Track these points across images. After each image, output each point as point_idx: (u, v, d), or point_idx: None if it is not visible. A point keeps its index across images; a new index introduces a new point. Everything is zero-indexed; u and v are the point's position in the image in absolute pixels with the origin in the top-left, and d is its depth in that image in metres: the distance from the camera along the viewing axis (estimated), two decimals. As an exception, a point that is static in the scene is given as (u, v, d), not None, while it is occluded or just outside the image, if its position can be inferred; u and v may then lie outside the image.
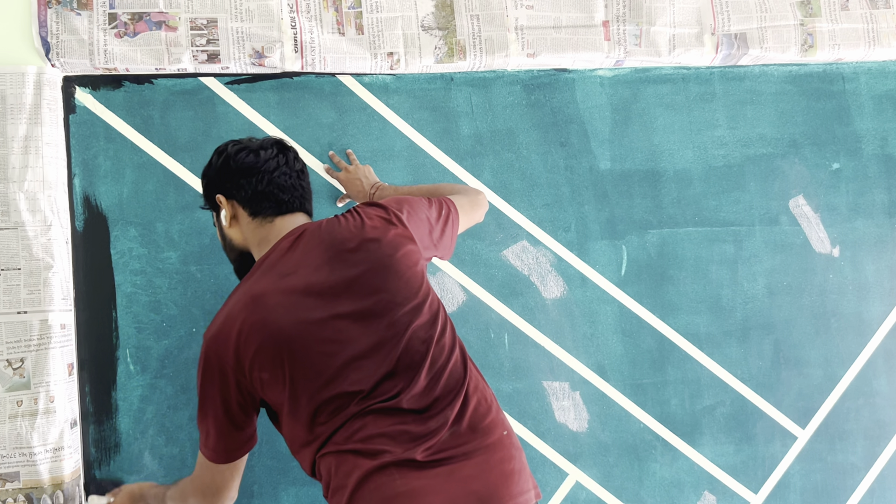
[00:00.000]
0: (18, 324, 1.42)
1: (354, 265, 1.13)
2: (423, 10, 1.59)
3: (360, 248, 1.14)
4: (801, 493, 1.73)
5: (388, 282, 1.13)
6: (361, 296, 1.11)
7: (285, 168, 1.21)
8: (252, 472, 1.54)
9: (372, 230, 1.16)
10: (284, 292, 1.10)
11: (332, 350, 1.09)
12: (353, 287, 1.11)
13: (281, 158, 1.21)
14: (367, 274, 1.12)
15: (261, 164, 1.19)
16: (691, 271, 1.72)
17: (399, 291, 1.13)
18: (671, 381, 1.70)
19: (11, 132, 1.44)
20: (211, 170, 1.24)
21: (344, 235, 1.15)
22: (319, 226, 1.18)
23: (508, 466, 1.10)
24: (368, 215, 1.19)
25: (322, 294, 1.11)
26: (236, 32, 1.52)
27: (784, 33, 1.71)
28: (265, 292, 1.11)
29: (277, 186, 1.19)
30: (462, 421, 1.10)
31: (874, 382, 1.77)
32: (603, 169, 1.70)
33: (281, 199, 1.20)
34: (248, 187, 1.19)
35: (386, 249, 1.15)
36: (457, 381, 1.13)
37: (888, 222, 1.79)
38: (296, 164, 1.23)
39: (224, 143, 1.25)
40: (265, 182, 1.19)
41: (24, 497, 1.41)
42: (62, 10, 1.47)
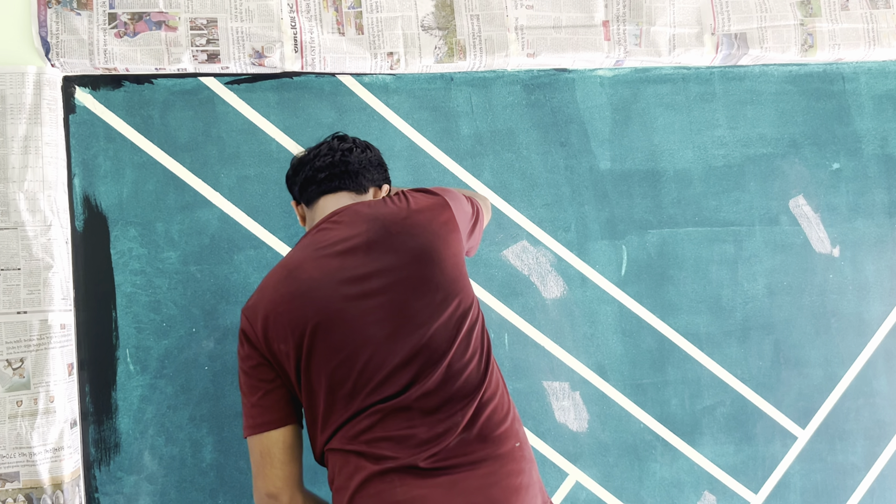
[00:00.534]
0: (18, 324, 1.42)
1: (395, 249, 1.09)
2: (423, 10, 1.59)
3: (404, 231, 1.11)
4: (801, 493, 1.73)
5: (426, 269, 1.09)
6: (397, 279, 1.08)
7: (326, 151, 1.24)
8: (252, 472, 1.54)
9: (417, 214, 1.14)
10: (319, 266, 1.09)
11: (353, 330, 1.06)
12: (389, 270, 1.08)
13: (325, 147, 1.25)
14: (406, 259, 1.09)
15: (306, 158, 1.26)
16: (691, 271, 1.72)
17: (436, 279, 1.09)
18: (671, 381, 1.70)
19: (11, 132, 1.44)
20: (288, 181, 1.30)
21: (388, 217, 1.13)
22: (366, 205, 1.16)
23: (516, 481, 1.05)
24: (416, 199, 1.17)
25: (356, 272, 1.08)
26: (236, 32, 1.52)
27: (784, 33, 1.71)
28: (300, 265, 1.11)
29: (316, 169, 1.23)
30: (473, 428, 1.06)
31: (874, 382, 1.77)
32: (603, 169, 1.70)
33: (319, 178, 1.23)
34: (298, 182, 1.25)
35: (431, 235, 1.12)
36: (474, 386, 1.09)
37: (888, 222, 1.79)
38: (340, 145, 1.25)
39: (302, 156, 1.29)
40: (308, 170, 1.24)
41: (24, 497, 1.41)
42: (62, 10, 1.47)
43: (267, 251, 1.57)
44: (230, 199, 1.57)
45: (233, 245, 1.56)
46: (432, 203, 1.17)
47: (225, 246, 1.56)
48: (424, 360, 1.07)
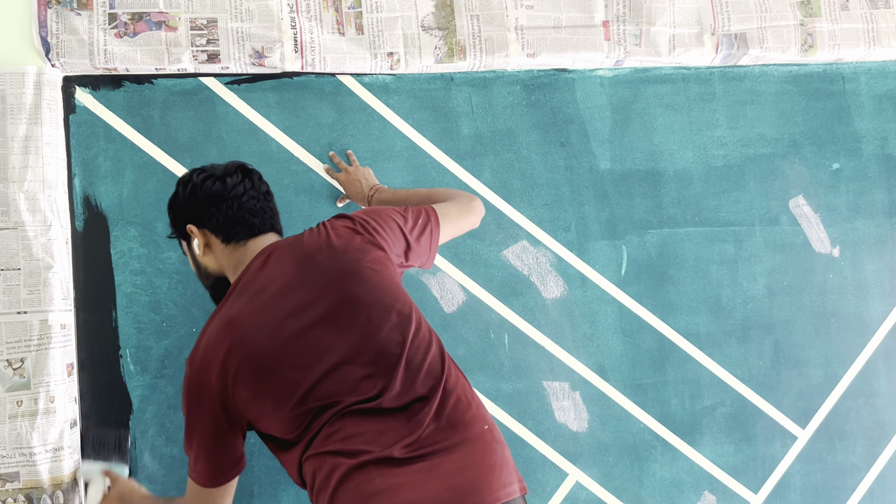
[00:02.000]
0: (18, 324, 1.42)
1: (322, 275, 1.15)
2: (423, 10, 1.59)
3: (327, 258, 1.17)
4: (801, 493, 1.73)
5: (355, 287, 1.15)
6: (331, 303, 1.13)
7: (252, 192, 1.25)
8: (252, 472, 1.54)
9: (337, 240, 1.20)
10: (258, 311, 1.13)
11: (308, 361, 1.11)
12: (321, 296, 1.14)
13: (247, 183, 1.25)
14: (334, 281, 1.15)
15: (228, 190, 1.23)
16: (691, 271, 1.72)
17: (367, 295, 1.15)
18: (671, 381, 1.70)
19: (11, 132, 1.44)
20: (179, 200, 1.27)
21: (311, 248, 1.19)
22: (287, 242, 1.21)
23: (490, 460, 1.10)
24: (334, 227, 1.23)
25: (294, 307, 1.13)
26: (236, 32, 1.52)
27: (784, 33, 1.71)
28: (240, 314, 1.14)
29: (248, 211, 1.23)
30: (441, 417, 1.11)
31: (874, 382, 1.77)
32: (603, 169, 1.70)
33: (252, 222, 1.24)
34: (218, 215, 1.23)
35: (351, 255, 1.18)
36: (435, 379, 1.14)
37: (888, 222, 1.79)
38: (261, 187, 1.27)
39: (187, 173, 1.28)
40: (235, 208, 1.23)
41: (24, 497, 1.41)
42: (62, 10, 1.47)
43: (267, 251, 1.57)
44: (230, 199, 1.57)
45: (233, 245, 1.56)
46: (351, 228, 1.23)
47: (225, 246, 1.56)
48: (383, 366, 1.12)
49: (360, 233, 1.22)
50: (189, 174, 1.27)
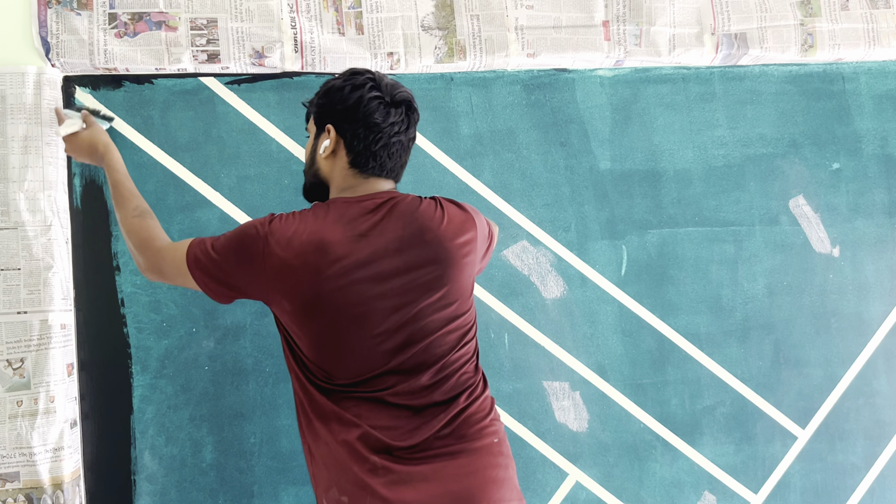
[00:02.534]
0: (18, 324, 1.42)
1: (422, 256, 1.14)
2: (423, 10, 1.59)
3: (434, 241, 1.16)
4: (801, 493, 1.73)
5: (443, 283, 1.15)
6: (414, 287, 1.13)
7: (403, 136, 1.20)
8: (252, 472, 1.54)
9: (448, 226, 1.18)
10: (350, 253, 1.11)
11: (360, 327, 1.12)
12: (410, 274, 1.13)
13: (405, 124, 1.20)
14: (429, 269, 1.15)
15: (386, 125, 1.17)
16: (691, 271, 1.72)
17: (448, 296, 1.16)
18: (671, 381, 1.70)
19: (11, 132, 1.44)
20: (336, 97, 1.19)
21: (424, 223, 1.16)
22: (406, 202, 1.18)
23: (492, 473, 1.11)
24: (449, 211, 1.21)
25: (380, 270, 1.12)
26: (236, 32, 1.52)
27: (784, 33, 1.71)
28: (334, 244, 1.11)
29: (389, 152, 1.19)
30: (453, 424, 1.13)
31: (874, 382, 1.77)
32: (603, 169, 1.70)
33: (386, 164, 1.20)
34: (364, 139, 1.17)
35: (457, 253, 1.17)
36: (460, 389, 1.16)
37: (888, 222, 1.79)
38: (412, 132, 1.23)
39: (364, 77, 1.19)
40: (380, 143, 1.18)
41: (24, 497, 1.41)
42: (62, 10, 1.47)
43: (267, 251, 1.57)
44: (230, 199, 1.57)
45: (233, 245, 1.56)
46: (462, 220, 1.21)
47: (225, 246, 1.56)
48: (420, 363, 1.14)
49: (469, 230, 1.21)
50: (365, 80, 1.18)
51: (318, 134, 1.23)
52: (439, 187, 1.63)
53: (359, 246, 1.12)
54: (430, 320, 1.14)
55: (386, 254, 1.13)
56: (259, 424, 1.55)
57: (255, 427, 1.55)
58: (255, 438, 1.55)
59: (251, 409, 1.55)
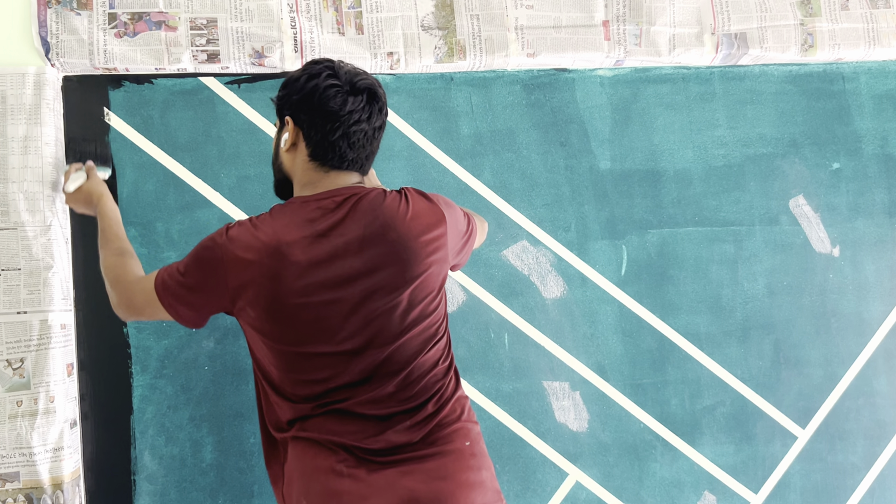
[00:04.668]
0: (18, 324, 1.42)
1: (385, 256, 1.09)
2: (423, 9, 1.59)
3: (398, 239, 1.10)
4: (801, 493, 1.73)
5: (406, 285, 1.10)
6: (376, 289, 1.09)
7: (365, 125, 1.13)
8: (252, 472, 1.54)
9: (414, 222, 1.12)
10: (308, 255, 1.07)
11: (322, 329, 1.08)
12: (372, 277, 1.09)
13: (366, 112, 1.12)
14: (391, 270, 1.10)
15: (345, 112, 1.11)
16: (691, 271, 1.72)
17: (412, 299, 1.11)
18: (671, 381, 1.70)
19: (11, 132, 1.44)
20: (293, 87, 1.14)
21: (388, 219, 1.11)
22: (369, 198, 1.13)
23: (464, 476, 1.08)
24: (415, 205, 1.15)
25: (340, 273, 1.08)
26: (236, 32, 1.52)
27: (784, 33, 1.71)
28: (292, 247, 1.07)
29: (349, 143, 1.13)
30: (420, 431, 1.11)
31: (874, 382, 1.77)
32: (603, 169, 1.70)
33: (346, 156, 1.13)
34: (320, 129, 1.12)
35: (422, 251, 1.12)
36: (426, 395, 1.13)
37: (888, 222, 1.79)
38: (376, 121, 1.15)
39: (322, 65, 1.14)
40: (339, 133, 1.11)
41: (24, 497, 1.41)
42: (62, 10, 1.47)
43: (267, 251, 1.57)
44: (230, 199, 1.57)
45: (233, 245, 1.56)
46: (430, 215, 1.15)
47: (225, 246, 1.56)
48: (383, 372, 1.11)
49: (437, 225, 1.14)
50: (321, 69, 1.13)
51: (279, 127, 1.19)
52: (439, 187, 1.63)
53: (317, 247, 1.08)
54: (392, 325, 1.10)
55: (346, 255, 1.08)
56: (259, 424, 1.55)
57: (255, 427, 1.55)
58: (255, 438, 1.54)
59: (251, 409, 1.55)
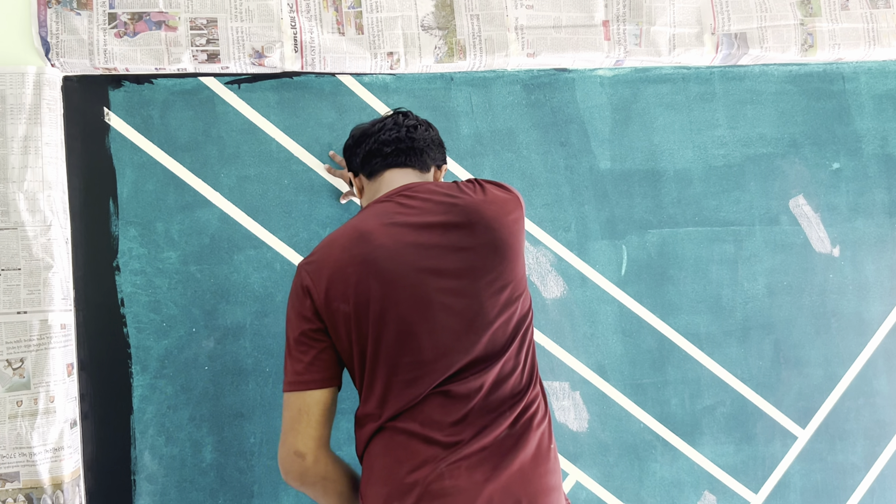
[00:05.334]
0: (18, 324, 1.42)
1: (472, 236, 1.09)
2: (422, 9, 1.59)
3: (481, 220, 1.10)
4: (801, 493, 1.73)
5: (500, 264, 1.09)
6: (470, 268, 1.08)
7: (392, 126, 1.26)
8: (252, 472, 1.54)
9: (492, 205, 1.12)
10: (392, 236, 1.09)
11: (423, 309, 1.07)
12: (464, 255, 1.08)
13: (390, 120, 1.27)
14: (482, 250, 1.09)
15: (370, 130, 1.27)
16: (691, 271, 1.72)
17: (506, 277, 1.10)
18: (671, 381, 1.70)
19: (11, 132, 1.44)
20: (344, 152, 1.36)
21: (466, 203, 1.11)
22: (438, 186, 1.16)
23: (549, 480, 1.09)
24: (490, 190, 1.15)
25: (431, 249, 1.08)
26: (236, 32, 1.52)
27: (784, 33, 1.71)
28: (372, 231, 1.10)
29: (382, 143, 1.24)
30: (514, 428, 1.10)
31: (874, 382, 1.77)
32: (603, 169, 1.70)
33: (386, 152, 1.24)
34: (360, 153, 1.27)
35: (505, 230, 1.11)
36: (520, 390, 1.12)
37: (888, 222, 1.79)
38: (405, 121, 1.27)
39: (371, 126, 1.31)
40: (371, 142, 1.26)
41: (24, 497, 1.41)
42: (62, 10, 1.47)
43: (267, 251, 1.57)
44: (230, 199, 1.57)
45: (233, 245, 1.56)
46: (506, 198, 1.15)
47: (225, 246, 1.56)
48: (485, 356, 1.09)
49: (514, 207, 1.14)
50: (375, 127, 1.30)
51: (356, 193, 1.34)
52: (439, 187, 1.63)
53: (400, 231, 1.09)
54: (491, 312, 1.09)
55: (432, 236, 1.08)
56: (259, 424, 1.55)
57: (255, 427, 1.55)
58: (255, 438, 1.55)
59: (251, 409, 1.55)
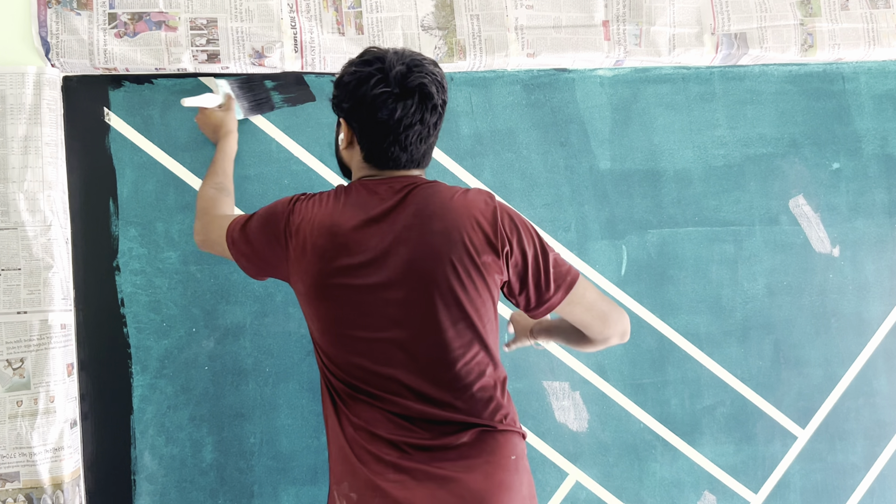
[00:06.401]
0: (18, 324, 1.42)
1: (426, 240, 1.08)
2: (423, 9, 1.59)
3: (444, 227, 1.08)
4: (801, 493, 1.73)
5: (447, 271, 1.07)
6: (421, 280, 1.07)
7: (418, 126, 1.11)
8: (252, 472, 1.54)
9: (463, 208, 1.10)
10: (358, 238, 1.09)
11: (361, 316, 1.09)
12: (415, 266, 1.07)
13: (417, 115, 1.10)
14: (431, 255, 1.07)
15: (394, 124, 1.09)
16: (691, 271, 1.72)
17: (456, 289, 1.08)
18: (671, 381, 1.70)
19: (11, 132, 1.44)
20: (343, 91, 1.12)
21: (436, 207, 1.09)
22: (425, 187, 1.12)
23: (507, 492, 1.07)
24: (471, 196, 1.12)
25: (386, 262, 1.08)
26: (236, 32, 1.52)
27: (784, 33, 1.71)
28: (344, 228, 1.09)
29: (402, 146, 1.12)
30: (470, 439, 1.09)
31: (874, 382, 1.77)
32: (603, 169, 1.70)
33: (400, 158, 1.13)
34: (371, 138, 1.12)
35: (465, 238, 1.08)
36: (480, 403, 1.10)
37: (888, 222, 1.79)
38: (431, 118, 1.12)
39: (373, 66, 1.09)
40: (389, 139, 1.11)
41: (24, 497, 1.41)
42: (62, 10, 1.47)
43: (267, 251, 1.57)
44: (230, 199, 1.57)
45: (233, 245, 1.56)
46: (482, 206, 1.11)
47: (225, 246, 1.56)
48: (433, 376, 1.10)
49: (490, 248, 1.09)
50: (371, 72, 1.09)
51: (337, 124, 1.20)
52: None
53: (368, 232, 1.09)
54: (440, 330, 1.08)
55: (393, 242, 1.08)
56: (259, 424, 1.55)
57: (255, 427, 1.55)
58: (255, 438, 1.55)
59: (251, 409, 1.55)
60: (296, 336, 1.57)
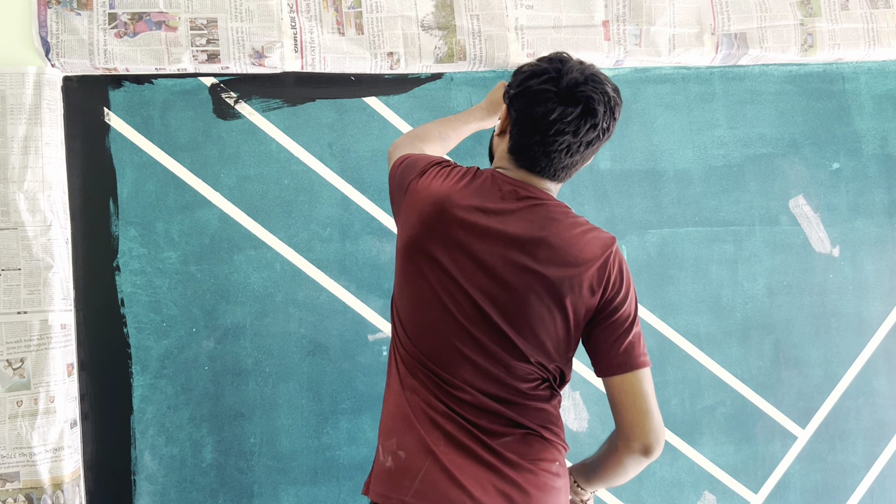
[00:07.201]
0: (18, 324, 1.42)
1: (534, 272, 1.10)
2: (423, 9, 1.59)
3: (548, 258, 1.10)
4: (801, 493, 1.73)
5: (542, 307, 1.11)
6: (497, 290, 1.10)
7: (569, 137, 1.11)
8: (252, 472, 1.54)
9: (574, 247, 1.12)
10: (463, 222, 1.11)
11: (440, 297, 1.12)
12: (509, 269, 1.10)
13: (572, 125, 1.10)
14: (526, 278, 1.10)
15: (546, 122, 1.10)
16: (691, 271, 1.72)
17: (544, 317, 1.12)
18: (671, 381, 1.70)
19: (11, 132, 1.44)
20: (516, 78, 1.16)
21: (548, 235, 1.12)
22: (549, 208, 1.14)
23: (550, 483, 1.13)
24: (589, 236, 1.14)
25: (481, 254, 1.10)
26: (236, 32, 1.52)
27: (784, 33, 1.71)
28: (455, 208, 1.12)
29: (544, 150, 1.12)
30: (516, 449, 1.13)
31: (874, 382, 1.77)
32: (603, 169, 1.70)
33: (539, 162, 1.14)
34: (520, 130, 1.14)
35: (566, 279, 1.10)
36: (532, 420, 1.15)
37: (888, 222, 1.79)
38: (586, 135, 1.11)
39: (552, 64, 1.13)
40: (535, 138, 1.12)
41: (24, 497, 1.41)
42: (62, 10, 1.47)
43: (267, 251, 1.57)
44: (230, 199, 1.57)
45: (233, 245, 1.56)
46: (596, 247, 1.13)
47: (225, 246, 1.56)
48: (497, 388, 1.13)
49: (595, 293, 1.12)
50: (546, 69, 1.12)
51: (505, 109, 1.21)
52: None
53: (475, 218, 1.11)
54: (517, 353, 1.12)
55: (494, 244, 1.10)
56: (259, 424, 1.55)
57: (255, 427, 1.55)
58: (255, 438, 1.55)
59: (251, 409, 1.55)
60: (296, 336, 1.57)
